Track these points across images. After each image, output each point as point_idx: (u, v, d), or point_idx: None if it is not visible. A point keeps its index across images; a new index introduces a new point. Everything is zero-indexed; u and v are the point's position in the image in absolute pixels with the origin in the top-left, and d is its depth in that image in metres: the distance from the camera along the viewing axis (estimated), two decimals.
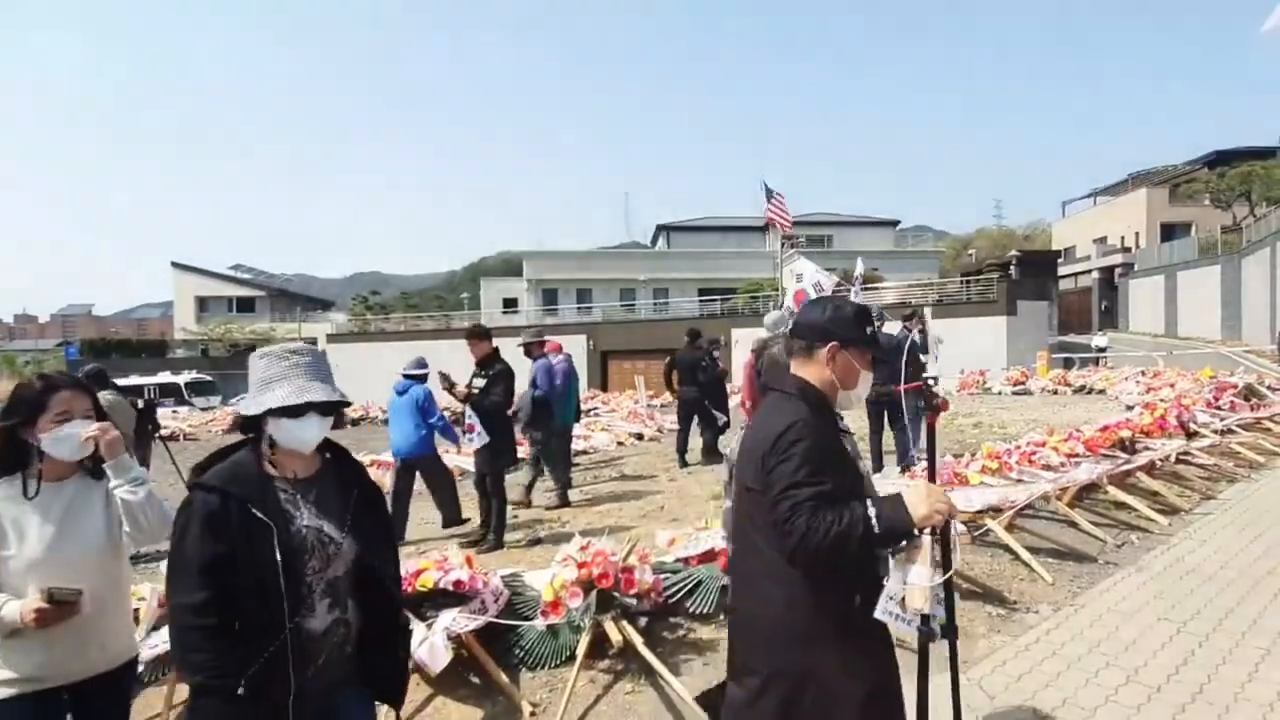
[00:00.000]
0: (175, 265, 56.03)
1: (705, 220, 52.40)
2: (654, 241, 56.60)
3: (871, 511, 1.77)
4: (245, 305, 55.47)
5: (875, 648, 1.96)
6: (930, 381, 2.35)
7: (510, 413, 6.82)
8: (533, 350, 7.69)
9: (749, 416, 6.65)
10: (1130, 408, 11.26)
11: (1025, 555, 5.04)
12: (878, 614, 1.89)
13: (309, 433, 1.91)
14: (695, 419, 9.96)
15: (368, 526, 2.01)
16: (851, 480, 1.97)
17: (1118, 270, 44.37)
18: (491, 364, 6.51)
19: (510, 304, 44.78)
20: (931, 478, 2.11)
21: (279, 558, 1.80)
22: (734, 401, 10.94)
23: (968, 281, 32.31)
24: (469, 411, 6.36)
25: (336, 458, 2.06)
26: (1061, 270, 43.40)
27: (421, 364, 7.13)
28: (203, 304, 54.59)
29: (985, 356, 22.81)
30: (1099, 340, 30.99)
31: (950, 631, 2.05)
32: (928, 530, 1.87)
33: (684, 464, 9.72)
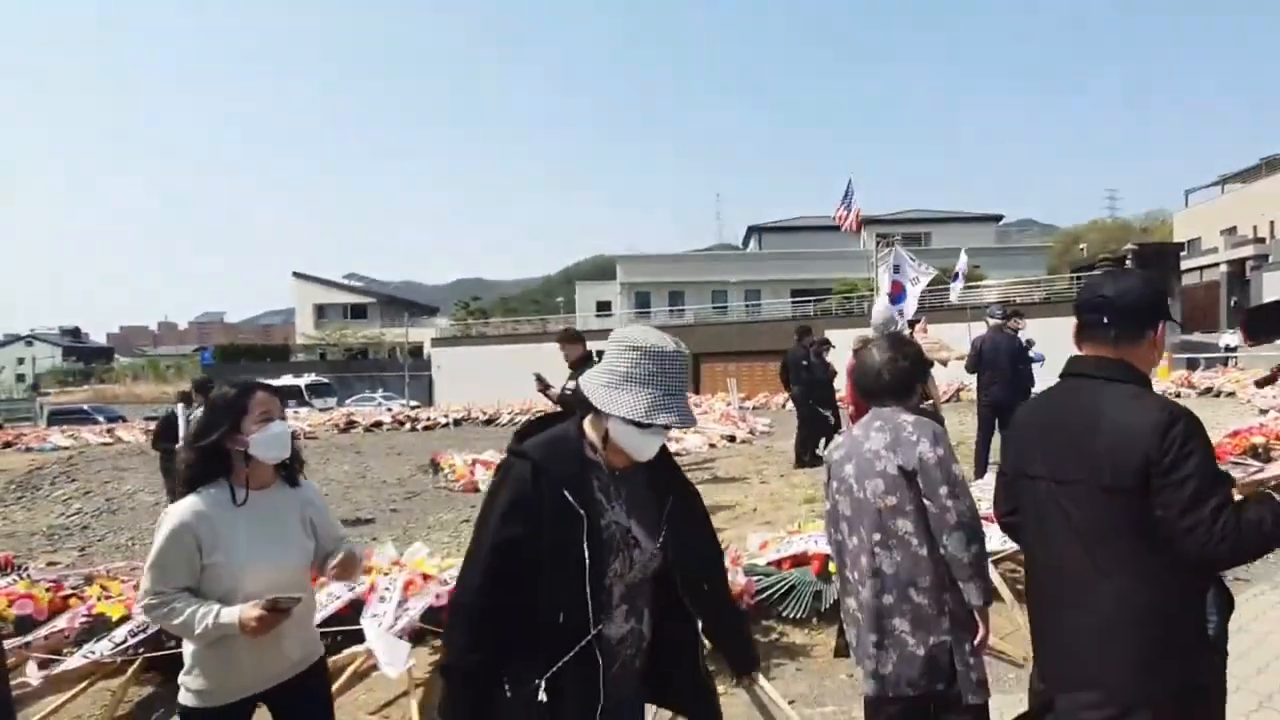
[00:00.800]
0: (296, 275, 59.59)
1: (797, 220, 51.59)
2: (745, 243, 56.19)
3: None
4: (358, 312, 58.37)
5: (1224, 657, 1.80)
6: None
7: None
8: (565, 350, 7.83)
9: (853, 420, 6.52)
10: (1264, 412, 10.46)
11: None
12: None
13: (650, 447, 1.72)
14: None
15: (682, 534, 1.84)
16: None
17: (1250, 263, 40.97)
18: (584, 366, 6.66)
19: (604, 307, 45.38)
20: None
21: (586, 552, 1.64)
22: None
23: (1078, 277, 30.59)
24: None
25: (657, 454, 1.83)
26: (1185, 264, 40.49)
27: None
28: (321, 311, 57.73)
29: None
30: (1229, 339, 28.75)
31: None
32: None
33: (800, 463, 9.64)
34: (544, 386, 6.92)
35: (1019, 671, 3.81)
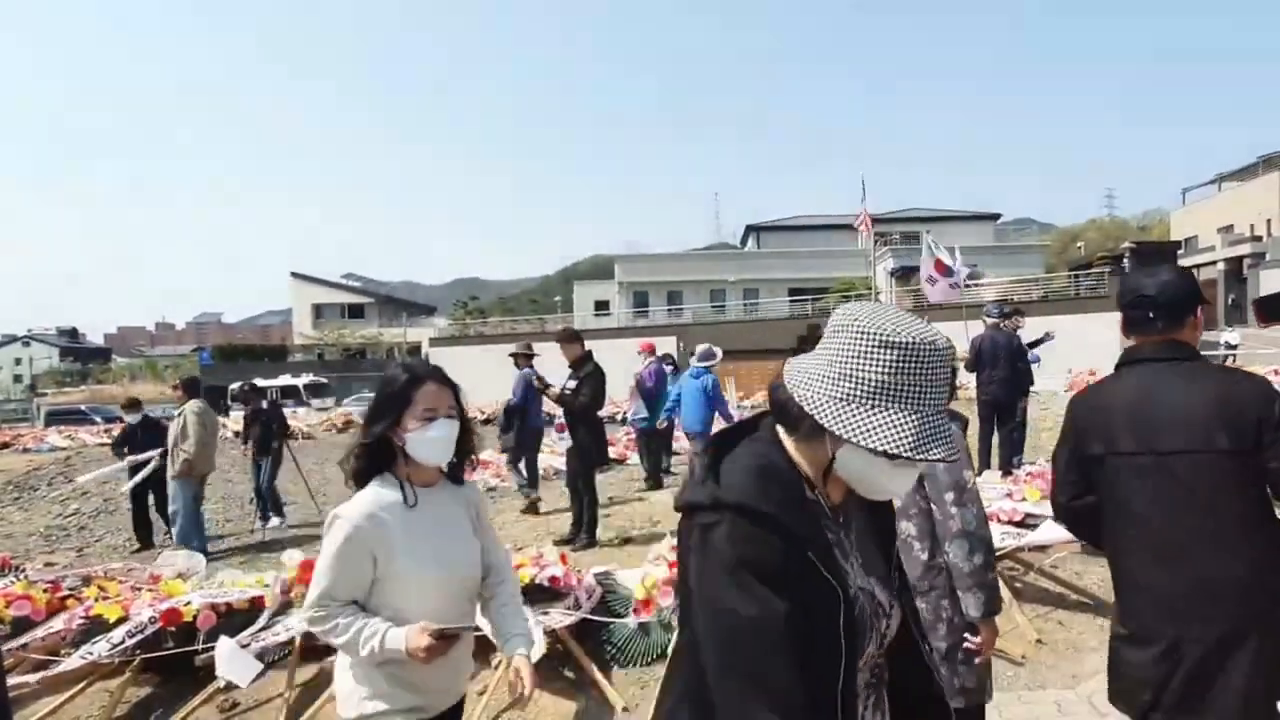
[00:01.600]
0: (294, 275, 59.54)
1: (795, 219, 51.66)
2: (744, 242, 56.26)
3: None
4: (356, 311, 58.33)
5: None
6: None
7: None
8: (519, 362, 7.81)
9: None
10: None
11: None
12: None
13: (902, 484, 1.18)
14: None
15: (902, 578, 1.36)
16: None
17: (1247, 261, 41.05)
18: (583, 365, 6.67)
19: (602, 306, 45.37)
20: None
21: (844, 640, 1.12)
22: None
23: (1076, 276, 30.63)
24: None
25: None
26: (1182, 262, 40.55)
27: (710, 354, 8.01)
28: (318, 311, 57.66)
29: (1096, 356, 21.59)
30: (1229, 336, 28.69)
31: None
32: None
33: None
34: (544, 386, 6.92)
35: (1018, 670, 3.82)
